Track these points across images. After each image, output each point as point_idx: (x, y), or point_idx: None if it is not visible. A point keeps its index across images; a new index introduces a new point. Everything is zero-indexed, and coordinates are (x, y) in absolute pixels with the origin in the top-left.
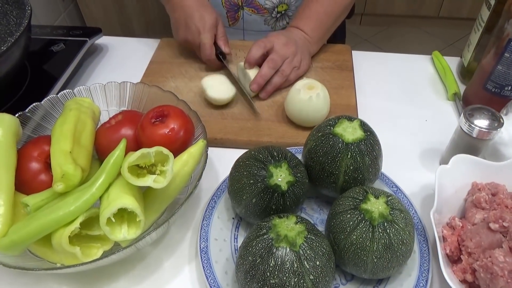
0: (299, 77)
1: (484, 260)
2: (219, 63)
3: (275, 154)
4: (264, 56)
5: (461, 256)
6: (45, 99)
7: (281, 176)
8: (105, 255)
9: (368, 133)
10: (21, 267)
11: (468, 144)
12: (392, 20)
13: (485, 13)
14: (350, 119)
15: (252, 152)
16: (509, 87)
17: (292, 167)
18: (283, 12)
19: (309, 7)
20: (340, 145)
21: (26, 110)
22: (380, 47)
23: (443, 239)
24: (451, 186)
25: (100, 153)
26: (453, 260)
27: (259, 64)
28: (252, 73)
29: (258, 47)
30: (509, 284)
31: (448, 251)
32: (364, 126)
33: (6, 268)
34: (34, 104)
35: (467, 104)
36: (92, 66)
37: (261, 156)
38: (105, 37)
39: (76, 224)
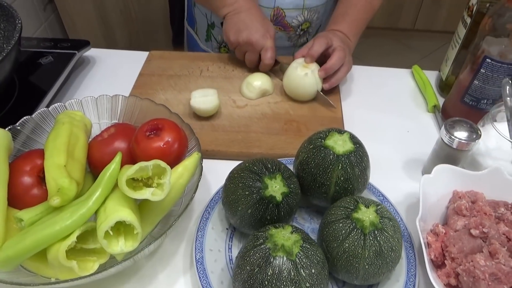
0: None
1: (467, 264)
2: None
3: (269, 166)
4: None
5: (445, 261)
6: (36, 112)
7: (275, 188)
8: (103, 268)
9: (357, 145)
10: (17, 283)
11: (449, 155)
12: (371, 32)
13: (461, 31)
14: (340, 132)
15: (247, 164)
16: (485, 101)
17: (285, 179)
18: (305, 29)
19: (348, 13)
20: (331, 157)
21: (17, 124)
22: (360, 58)
23: (428, 245)
24: (434, 195)
25: (93, 166)
26: (437, 265)
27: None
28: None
29: (320, 44)
30: (490, 287)
31: (432, 257)
32: (353, 138)
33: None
34: (25, 117)
35: (446, 116)
36: (80, 79)
37: (255, 168)
38: (92, 49)
39: (72, 238)
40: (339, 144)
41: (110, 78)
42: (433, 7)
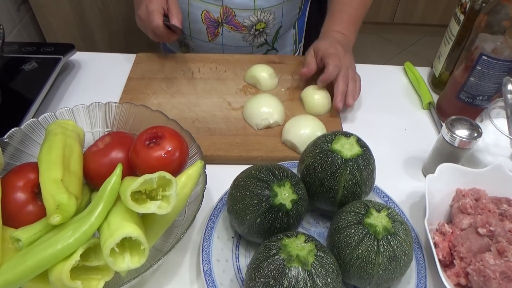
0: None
1: (477, 264)
2: (168, 32)
3: (276, 172)
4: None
5: (454, 260)
6: (25, 123)
7: (285, 195)
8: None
9: (364, 148)
10: None
11: (450, 153)
12: None
13: (454, 27)
14: (347, 135)
15: (253, 172)
16: (481, 97)
17: (294, 185)
18: (261, 30)
19: (345, 11)
20: (339, 161)
21: (5, 136)
22: None
23: (435, 245)
24: (438, 194)
25: (89, 178)
26: (445, 264)
27: None
28: (264, 79)
29: (334, 70)
30: (501, 286)
31: (440, 257)
32: (359, 141)
33: None
34: (13, 129)
35: (441, 112)
36: (65, 85)
37: (263, 175)
38: (76, 53)
39: (76, 257)
40: (346, 148)
41: (97, 83)
42: (410, 1)
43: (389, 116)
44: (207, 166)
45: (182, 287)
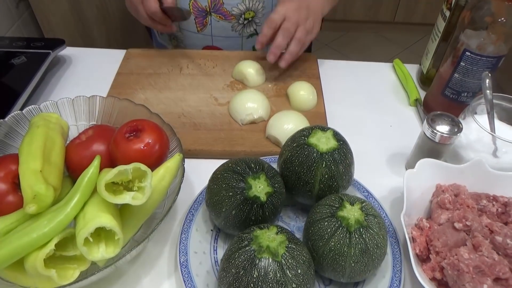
0: (312, 40)
1: (451, 258)
2: (164, 17)
3: (252, 165)
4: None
5: (430, 255)
6: (9, 115)
7: (259, 188)
8: (83, 276)
9: (341, 142)
10: None
11: (431, 149)
12: (351, 25)
13: (441, 24)
14: (323, 129)
15: (230, 164)
16: (466, 94)
17: (269, 178)
18: (250, 19)
19: None
20: (315, 155)
21: None
22: (340, 51)
23: (413, 239)
24: (418, 189)
25: (71, 170)
26: (422, 259)
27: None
28: (251, 74)
29: (269, 28)
30: (474, 280)
31: (417, 251)
32: (336, 135)
33: None
34: None
35: (428, 109)
36: (55, 79)
37: (238, 168)
38: (68, 48)
39: (50, 246)
40: (322, 142)
41: (87, 78)
42: (411, 0)
43: (376, 112)
44: (192, 160)
45: (160, 279)
